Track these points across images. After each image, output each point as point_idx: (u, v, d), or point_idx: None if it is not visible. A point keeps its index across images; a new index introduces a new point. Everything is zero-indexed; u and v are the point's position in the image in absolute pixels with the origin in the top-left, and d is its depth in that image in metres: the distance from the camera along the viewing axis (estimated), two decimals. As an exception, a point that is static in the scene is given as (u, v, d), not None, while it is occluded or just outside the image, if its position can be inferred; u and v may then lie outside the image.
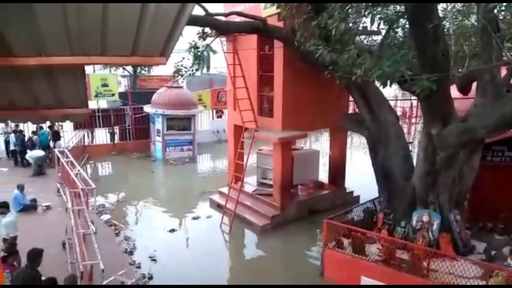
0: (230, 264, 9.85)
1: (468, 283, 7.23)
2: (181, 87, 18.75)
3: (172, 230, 10.84)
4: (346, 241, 8.62)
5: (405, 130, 19.40)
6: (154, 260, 9.23)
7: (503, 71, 8.99)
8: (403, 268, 7.70)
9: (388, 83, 6.83)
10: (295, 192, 12.04)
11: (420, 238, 8.27)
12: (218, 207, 12.17)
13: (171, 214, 12.02)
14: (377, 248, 8.23)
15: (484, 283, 7.16)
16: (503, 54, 8.09)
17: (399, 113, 26.41)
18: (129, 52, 3.31)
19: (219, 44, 12.25)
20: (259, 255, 10.00)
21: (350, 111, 15.11)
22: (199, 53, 11.56)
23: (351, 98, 11.69)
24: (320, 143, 19.94)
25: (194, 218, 11.73)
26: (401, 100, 24.08)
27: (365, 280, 7.95)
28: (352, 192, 12.84)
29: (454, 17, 11.00)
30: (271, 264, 9.60)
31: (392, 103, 19.66)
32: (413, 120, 22.57)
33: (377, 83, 8.31)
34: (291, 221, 11.22)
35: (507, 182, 9.89)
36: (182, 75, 11.91)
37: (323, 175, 13.39)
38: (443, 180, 8.32)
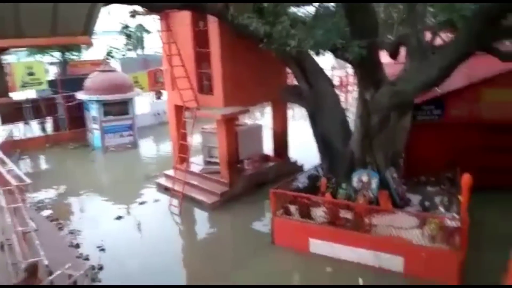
0: (182, 245, 9.87)
1: (406, 233, 7.82)
2: (114, 70, 17.93)
3: (119, 218, 10.59)
4: (293, 208, 8.93)
5: (343, 99, 20.14)
6: (102, 250, 9.00)
7: (429, 36, 9.58)
8: (348, 227, 8.17)
9: (322, 52, 7.00)
10: (242, 167, 12.18)
11: (361, 197, 8.77)
12: (166, 190, 12.01)
13: (116, 202, 11.70)
14: (323, 211, 8.63)
15: (420, 231, 7.79)
16: (426, 19, 8.59)
17: (337, 83, 27.37)
18: (48, 31, 3.11)
19: (153, 22, 11.81)
20: (211, 233, 10.11)
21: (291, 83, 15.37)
22: (131, 33, 11.08)
23: (290, 71, 11.89)
24: (264, 118, 20.17)
25: (141, 204, 11.51)
26: (338, 69, 24.81)
27: (312, 242, 8.34)
28: (296, 162, 13.22)
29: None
30: (223, 240, 9.75)
31: (329, 73, 20.31)
32: (350, 88, 23.45)
33: (313, 54, 8.51)
34: (240, 196, 11.38)
35: (436, 138, 10.72)
36: (114, 57, 11.39)
37: (268, 148, 13.63)
38: (379, 141, 8.82)
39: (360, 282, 7.47)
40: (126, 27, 10.86)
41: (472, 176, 7.60)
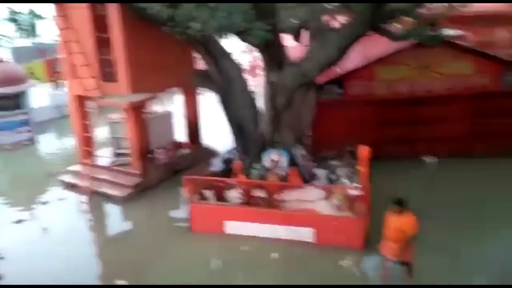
0: (95, 243, 9.31)
1: (315, 205, 8.28)
2: (2, 61, 16.09)
3: (19, 221, 9.66)
4: (209, 193, 8.92)
5: (253, 82, 20.46)
6: (1, 258, 8.16)
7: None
8: (261, 205, 8.41)
9: (227, 35, 6.98)
10: (154, 156, 11.82)
11: (273, 175, 9.06)
12: (73, 187, 11.21)
13: (14, 205, 10.64)
14: (238, 193, 8.75)
15: (327, 202, 8.29)
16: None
17: (247, 67, 27.64)
18: None
19: (46, 7, 10.76)
20: (125, 228, 9.68)
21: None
22: (21, 19, 10.02)
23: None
24: (175, 104, 19.70)
25: (44, 204, 10.60)
26: (248, 53, 25.04)
27: (228, 224, 8.45)
28: (210, 147, 13.20)
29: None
30: (139, 232, 9.40)
31: (240, 56, 20.41)
32: (259, 72, 23.91)
33: (219, 37, 8.43)
34: (155, 186, 11.07)
35: (338, 115, 11.43)
36: (2, 46, 10.23)
37: (181, 136, 13.39)
38: (286, 121, 9.16)
39: (273, 255, 7.75)
40: (15, 13, 9.81)
41: (370, 148, 8.24)
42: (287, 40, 12.47)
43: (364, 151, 7.72)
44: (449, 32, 10.74)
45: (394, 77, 11.11)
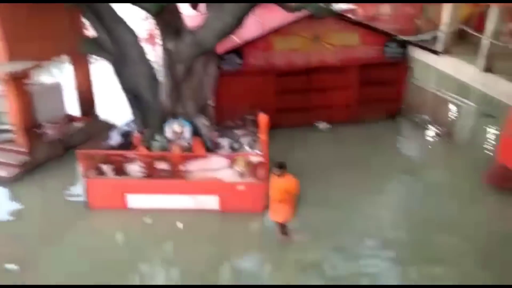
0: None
1: (219, 173, 8.44)
2: None
3: None
4: (107, 168, 8.53)
5: (153, 51, 19.61)
6: None
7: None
8: (164, 177, 8.32)
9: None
10: (43, 131, 10.82)
11: (176, 146, 8.97)
12: None
13: None
14: (139, 166, 8.51)
15: (231, 169, 8.51)
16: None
17: (145, 35, 26.28)
18: None
19: None
20: (14, 210, 8.79)
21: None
22: None
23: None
24: (65, 74, 18.10)
25: None
26: (145, 20, 23.79)
27: (130, 198, 8.23)
28: (107, 120, 12.49)
29: None
30: (31, 215, 8.61)
31: (139, 24, 19.27)
32: (158, 41, 23.00)
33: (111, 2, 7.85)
34: (46, 163, 10.20)
35: (239, 85, 11.60)
36: None
37: (74, 108, 12.41)
38: (187, 91, 9.02)
39: (179, 225, 7.81)
40: None
41: (270, 116, 8.57)
42: (186, 8, 12.20)
43: (263, 119, 8.01)
44: (339, 5, 11.45)
45: (290, 47, 11.54)
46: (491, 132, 12.28)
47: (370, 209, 8.39)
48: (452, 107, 11.94)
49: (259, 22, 12.68)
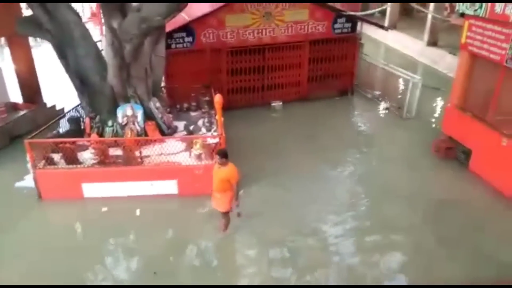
0: None
1: (176, 158, 8.31)
2: None
3: None
4: (57, 156, 8.15)
5: (98, 31, 18.68)
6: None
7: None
8: (119, 163, 8.08)
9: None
10: (-16, 120, 10.15)
11: (129, 131, 8.70)
12: None
13: None
14: (91, 153, 8.20)
15: (188, 153, 8.41)
16: None
17: (89, 14, 24.99)
18: None
19: None
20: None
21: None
22: None
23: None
24: (5, 59, 16.90)
25: None
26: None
27: (85, 187, 7.96)
28: (54, 106, 11.86)
29: None
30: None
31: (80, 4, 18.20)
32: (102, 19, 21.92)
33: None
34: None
35: (192, 65, 11.37)
36: None
37: (17, 95, 11.66)
38: (136, 72, 8.68)
39: (137, 212, 7.67)
40: None
41: (224, 97, 8.47)
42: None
43: (217, 99, 7.91)
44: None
45: (241, 24, 11.39)
46: (437, 104, 12.95)
47: (325, 183, 8.66)
48: (400, 82, 12.40)
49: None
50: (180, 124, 9.92)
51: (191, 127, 9.80)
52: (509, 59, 7.62)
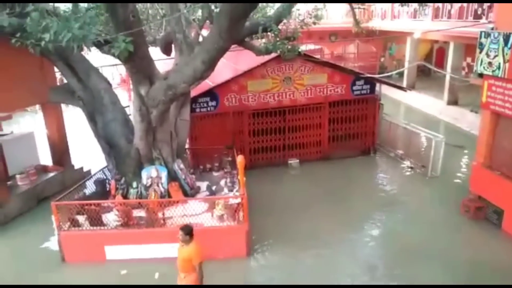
0: None
1: (199, 219, 8.27)
2: None
3: None
4: (82, 218, 8.26)
5: (126, 95, 19.66)
6: None
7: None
8: (142, 225, 8.10)
9: (86, 47, 6.57)
10: (15, 183, 10.50)
11: (152, 192, 8.81)
12: None
13: None
14: (115, 215, 8.28)
15: (210, 214, 8.38)
16: (187, 15, 9.12)
17: (118, 80, 26.46)
18: None
19: None
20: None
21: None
22: None
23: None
24: (37, 123, 17.82)
25: None
26: (115, 65, 24.01)
27: (108, 249, 7.94)
28: (82, 168, 12.24)
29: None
30: (3, 271, 8.15)
31: (110, 69, 19.41)
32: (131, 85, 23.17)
33: (86, 50, 7.88)
34: (18, 216, 9.85)
35: (215, 127, 11.72)
36: None
37: (47, 158, 12.14)
38: (162, 135, 8.98)
39: (156, 276, 7.52)
40: None
41: (246, 157, 8.61)
42: (159, 52, 12.41)
43: (239, 159, 8.03)
44: (306, 46, 11.91)
45: (262, 89, 11.84)
46: (462, 162, 12.70)
47: (346, 247, 8.38)
48: (423, 140, 12.33)
49: (232, 65, 13.02)
50: (203, 185, 10.00)
51: (214, 188, 9.86)
52: (533, 117, 7.56)
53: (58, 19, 5.68)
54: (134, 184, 9.03)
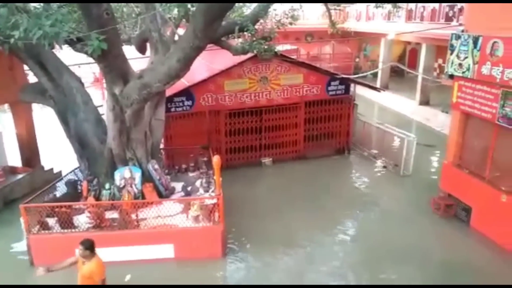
0: None
1: (174, 220, 8.17)
2: None
3: None
4: (52, 221, 8.02)
5: (99, 95, 19.22)
6: None
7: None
8: (115, 227, 7.93)
9: (57, 44, 6.35)
10: (-19, 185, 10.11)
11: (126, 194, 8.63)
12: None
13: None
14: (87, 217, 8.08)
15: (185, 215, 8.29)
16: (163, 13, 8.98)
17: (91, 79, 25.85)
18: None
19: None
20: None
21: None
22: None
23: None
24: (4, 124, 17.19)
25: None
26: (88, 64, 23.44)
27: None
28: (52, 169, 11.88)
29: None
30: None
31: (83, 68, 18.94)
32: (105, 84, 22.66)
33: (49, 47, 7.62)
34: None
35: (190, 126, 11.61)
36: None
37: (16, 159, 11.72)
38: (136, 135, 8.81)
39: (127, 278, 7.37)
40: None
41: (222, 157, 8.56)
42: (134, 51, 12.18)
43: (215, 160, 7.97)
44: (283, 46, 11.96)
45: (239, 89, 11.80)
46: (433, 161, 13.05)
47: (320, 246, 8.47)
48: (395, 140, 12.59)
49: (208, 65, 12.92)
50: (178, 185, 9.87)
51: (189, 188, 9.74)
52: (500, 117, 7.83)
53: (28, 15, 5.46)
54: (107, 185, 8.83)
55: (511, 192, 7.94)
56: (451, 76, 8.97)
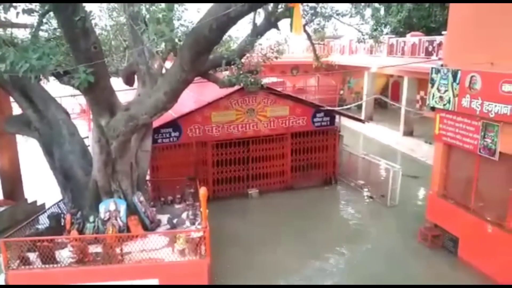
0: None
1: (159, 254, 8.00)
2: None
3: None
4: (33, 256, 7.76)
5: (86, 126, 19.10)
6: None
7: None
8: (98, 261, 7.71)
9: (43, 77, 6.38)
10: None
11: (110, 227, 8.44)
12: None
13: None
14: (69, 251, 7.85)
15: (171, 249, 8.12)
16: (151, 47, 9.12)
17: (78, 110, 25.71)
18: None
19: None
20: None
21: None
22: None
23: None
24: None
25: None
26: (74, 96, 23.42)
27: (61, 288, 7.47)
28: (35, 202, 11.61)
29: (109, 13, 11.53)
30: None
31: (69, 100, 18.88)
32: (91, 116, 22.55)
33: (35, 80, 7.63)
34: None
35: (177, 158, 11.58)
36: None
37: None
38: (121, 167, 8.72)
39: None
40: None
41: (209, 188, 8.50)
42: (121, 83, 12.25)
43: (202, 191, 7.91)
44: (269, 79, 12.21)
45: (226, 120, 11.90)
46: (420, 192, 13.16)
47: (310, 277, 8.35)
48: (381, 170, 12.72)
49: (196, 97, 13.06)
50: (164, 218, 9.70)
51: (175, 221, 9.58)
52: (481, 148, 8.02)
53: (15, 49, 5.50)
54: (91, 218, 8.64)
55: (497, 223, 8.02)
56: (433, 108, 9.21)
